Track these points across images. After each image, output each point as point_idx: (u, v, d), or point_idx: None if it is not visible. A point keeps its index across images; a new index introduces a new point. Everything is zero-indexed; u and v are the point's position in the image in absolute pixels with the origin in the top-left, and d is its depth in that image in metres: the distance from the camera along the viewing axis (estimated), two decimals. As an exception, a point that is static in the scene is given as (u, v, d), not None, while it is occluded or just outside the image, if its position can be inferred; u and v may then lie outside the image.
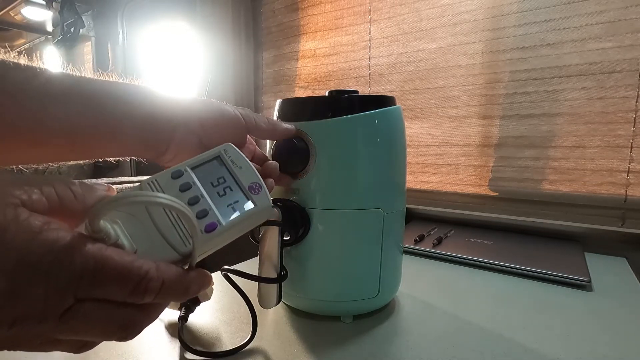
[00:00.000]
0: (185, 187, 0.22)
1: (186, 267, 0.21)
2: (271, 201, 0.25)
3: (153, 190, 0.22)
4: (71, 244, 0.17)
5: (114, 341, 0.20)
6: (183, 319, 0.41)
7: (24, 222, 0.17)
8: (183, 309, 0.42)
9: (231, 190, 0.23)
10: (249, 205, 0.23)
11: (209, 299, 0.43)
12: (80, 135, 0.26)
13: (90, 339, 0.20)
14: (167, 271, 0.20)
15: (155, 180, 0.22)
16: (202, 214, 0.22)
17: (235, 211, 0.23)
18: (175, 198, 0.19)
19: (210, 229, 0.21)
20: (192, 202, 0.22)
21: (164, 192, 0.22)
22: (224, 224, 0.22)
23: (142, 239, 0.20)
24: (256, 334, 0.39)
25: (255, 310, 0.40)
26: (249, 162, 0.25)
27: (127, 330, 0.20)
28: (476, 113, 0.89)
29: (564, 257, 0.63)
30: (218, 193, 0.23)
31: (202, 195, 0.22)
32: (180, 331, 0.39)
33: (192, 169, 0.23)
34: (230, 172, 0.24)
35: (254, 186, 0.24)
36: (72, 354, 0.20)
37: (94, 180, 0.56)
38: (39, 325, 0.17)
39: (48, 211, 0.18)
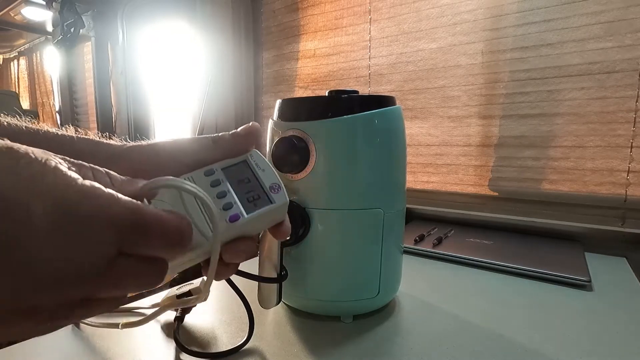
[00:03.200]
0: (215, 184, 0.26)
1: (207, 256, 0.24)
2: (287, 198, 0.28)
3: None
4: (109, 196, 0.18)
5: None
6: (179, 319, 0.41)
7: (63, 171, 0.17)
8: (179, 309, 0.42)
9: (254, 188, 0.27)
10: (269, 202, 0.27)
11: (205, 300, 0.43)
12: None
13: (126, 292, 0.20)
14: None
15: (191, 176, 0.26)
16: (228, 207, 0.25)
17: (256, 207, 0.26)
18: (202, 189, 0.23)
19: (234, 219, 0.25)
20: (220, 195, 0.26)
21: (197, 185, 0.25)
22: (246, 215, 0.25)
23: None
24: (253, 334, 0.39)
25: (254, 311, 0.40)
26: (271, 165, 0.29)
27: (160, 277, 0.20)
28: (476, 113, 0.89)
29: (564, 257, 0.63)
30: (243, 190, 0.27)
31: (229, 191, 0.26)
32: (176, 331, 0.39)
33: (222, 169, 0.27)
34: (255, 173, 0.28)
35: (274, 186, 0.28)
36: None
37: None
38: (82, 285, 0.17)
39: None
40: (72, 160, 0.19)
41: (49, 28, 2.18)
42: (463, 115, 0.91)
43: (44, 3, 1.86)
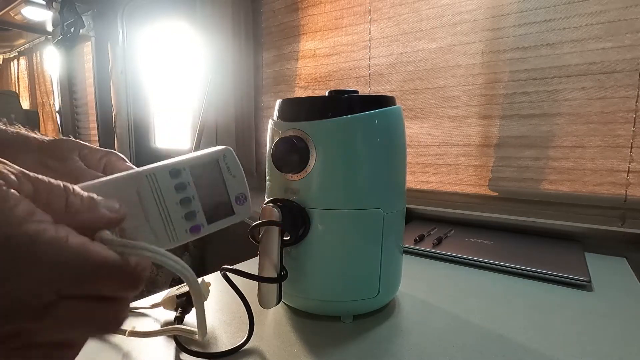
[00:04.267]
0: (181, 187, 0.24)
1: None
2: (251, 212, 0.27)
3: (150, 184, 0.23)
4: (54, 242, 0.17)
5: (103, 340, 0.20)
6: (179, 319, 0.41)
7: (8, 208, 0.16)
8: (179, 309, 0.42)
9: (220, 196, 0.26)
10: (232, 212, 0.26)
11: (205, 300, 0.43)
12: None
13: (71, 336, 0.19)
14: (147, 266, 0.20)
15: (154, 174, 0.23)
16: (191, 216, 0.24)
17: (218, 217, 0.25)
18: (165, 192, 0.22)
19: (195, 231, 0.24)
20: (184, 202, 0.24)
21: (160, 188, 0.23)
22: (207, 226, 0.25)
23: (131, 227, 0.22)
24: (253, 334, 0.39)
25: (254, 311, 0.40)
26: (242, 171, 0.27)
27: (112, 324, 0.19)
28: (476, 113, 0.89)
29: (564, 257, 0.63)
30: (208, 197, 0.25)
31: (194, 197, 0.24)
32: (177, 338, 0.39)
33: (191, 170, 0.25)
34: (224, 178, 0.26)
35: (240, 197, 0.26)
36: None
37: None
38: (17, 321, 0.16)
39: (33, 198, 0.17)
40: (19, 173, 0.17)
41: (49, 28, 2.18)
42: (463, 115, 0.91)
43: (44, 3, 1.86)
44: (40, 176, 0.18)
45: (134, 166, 0.35)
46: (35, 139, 0.32)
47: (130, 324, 0.40)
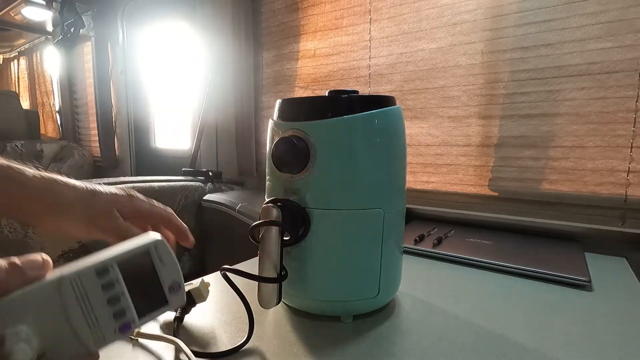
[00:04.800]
0: (108, 286, 0.23)
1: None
2: (185, 298, 0.26)
3: (75, 289, 0.22)
4: None
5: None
6: (179, 319, 0.41)
7: None
8: (179, 309, 0.42)
9: (152, 287, 0.24)
10: (164, 303, 0.25)
11: (205, 300, 0.43)
12: None
13: None
14: None
15: (78, 277, 0.22)
16: (120, 315, 0.23)
17: (151, 309, 0.24)
18: (91, 293, 0.21)
19: (125, 329, 0.23)
20: (113, 301, 0.23)
21: (85, 290, 0.22)
22: (137, 322, 0.23)
23: (52, 335, 0.21)
24: (253, 333, 0.39)
25: (254, 311, 0.40)
26: (175, 259, 0.26)
27: None
28: (476, 113, 0.89)
29: (564, 257, 0.63)
30: (138, 290, 0.24)
31: (123, 294, 0.23)
32: (175, 331, 0.39)
33: (119, 264, 0.23)
34: (156, 269, 0.25)
35: (174, 285, 0.25)
36: None
37: (95, 181, 0.56)
38: None
39: None
40: None
41: (49, 28, 2.18)
42: (463, 115, 0.91)
43: (44, 3, 1.86)
44: None
45: (152, 202, 0.38)
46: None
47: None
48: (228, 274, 0.40)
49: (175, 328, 0.40)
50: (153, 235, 0.25)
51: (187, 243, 0.40)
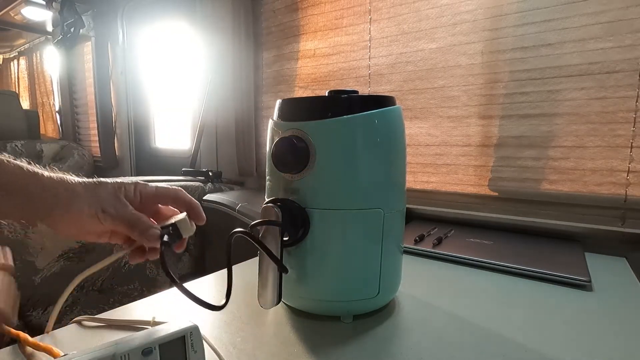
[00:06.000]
0: None
1: None
2: None
3: None
4: None
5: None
6: (166, 244, 0.36)
7: None
8: (166, 236, 0.37)
9: None
10: None
11: (192, 233, 0.39)
12: None
13: None
14: None
15: (128, 355, 0.28)
16: None
17: None
18: None
19: None
20: None
21: None
22: None
23: None
24: (254, 334, 0.39)
25: (254, 311, 0.40)
26: (204, 349, 0.32)
27: None
28: (476, 113, 0.89)
29: (564, 257, 0.63)
30: None
31: None
32: (162, 257, 0.35)
33: (160, 346, 0.29)
34: (186, 354, 0.30)
35: None
36: None
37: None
38: None
39: None
40: None
41: (49, 28, 2.18)
42: (463, 115, 0.91)
43: (44, 3, 1.86)
44: None
45: (160, 185, 0.39)
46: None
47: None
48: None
49: (162, 252, 0.35)
50: (190, 324, 0.31)
51: (199, 220, 0.40)
